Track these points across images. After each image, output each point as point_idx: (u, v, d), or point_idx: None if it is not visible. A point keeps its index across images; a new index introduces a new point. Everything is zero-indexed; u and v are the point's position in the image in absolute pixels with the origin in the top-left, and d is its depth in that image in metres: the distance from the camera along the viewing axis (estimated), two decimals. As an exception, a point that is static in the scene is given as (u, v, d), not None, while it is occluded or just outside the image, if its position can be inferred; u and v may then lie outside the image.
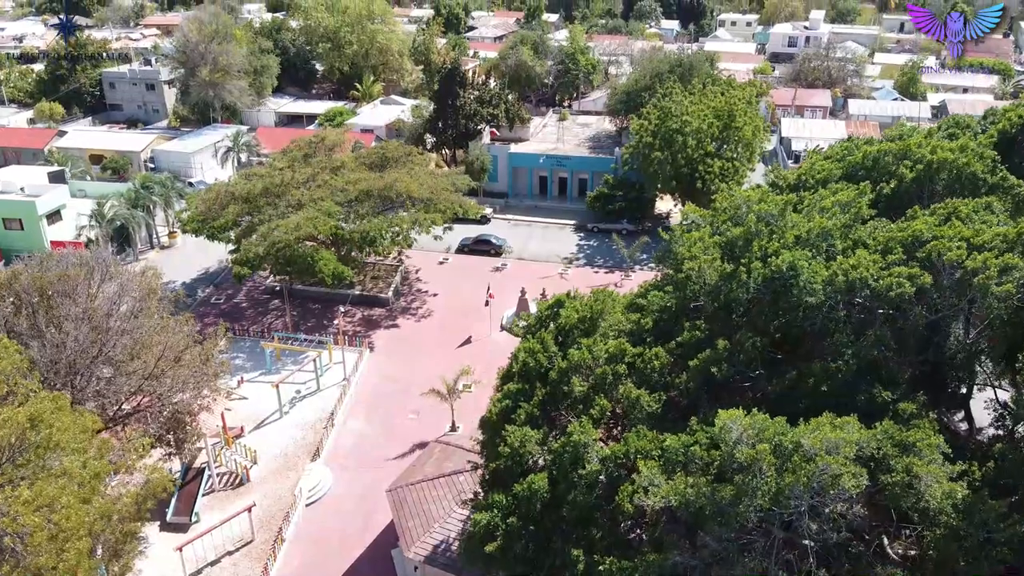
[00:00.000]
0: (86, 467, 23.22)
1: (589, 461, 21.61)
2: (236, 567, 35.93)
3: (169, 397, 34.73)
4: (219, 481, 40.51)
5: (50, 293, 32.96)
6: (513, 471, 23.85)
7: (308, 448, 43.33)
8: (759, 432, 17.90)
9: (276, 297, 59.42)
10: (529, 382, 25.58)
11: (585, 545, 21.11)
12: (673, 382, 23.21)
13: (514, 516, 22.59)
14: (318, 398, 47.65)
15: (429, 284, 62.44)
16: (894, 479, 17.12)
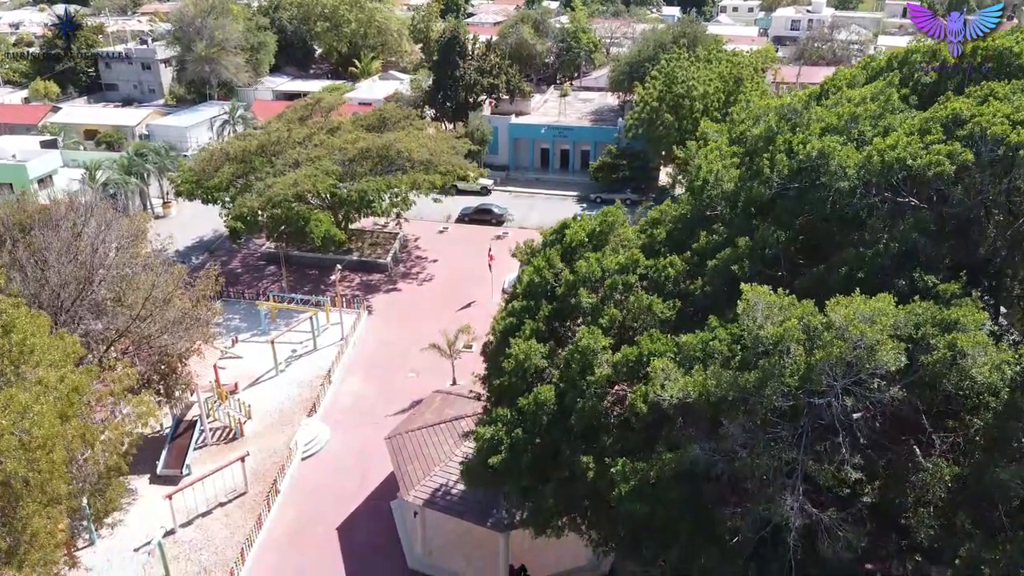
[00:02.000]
0: (64, 381, 21.75)
1: (598, 366, 20.16)
2: (228, 517, 34.48)
3: (158, 339, 33.27)
4: (212, 436, 39.06)
5: (31, 226, 31.53)
6: (518, 387, 22.41)
7: (304, 405, 41.91)
8: (786, 311, 16.50)
9: (272, 263, 58.08)
10: (534, 299, 24.15)
11: (595, 452, 19.66)
12: (688, 289, 21.78)
13: (519, 428, 21.13)
14: (315, 357, 46.24)
15: (429, 252, 61.08)
16: (935, 357, 15.70)
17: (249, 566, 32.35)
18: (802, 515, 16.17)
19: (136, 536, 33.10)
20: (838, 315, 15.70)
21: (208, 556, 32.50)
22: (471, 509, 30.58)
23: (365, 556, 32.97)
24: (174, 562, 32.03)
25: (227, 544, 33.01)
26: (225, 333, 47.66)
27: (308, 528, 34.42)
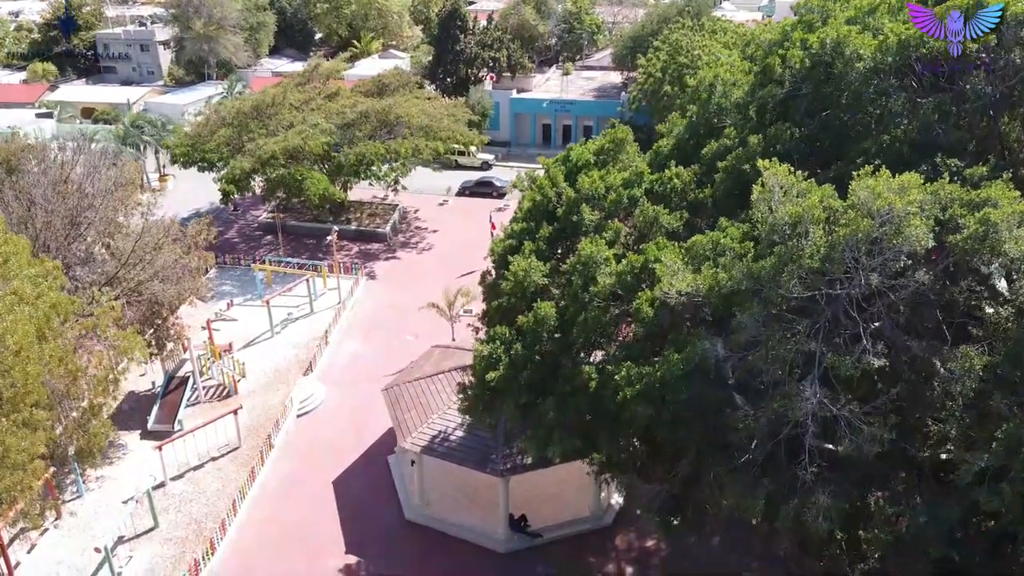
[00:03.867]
0: (41, 298, 20.72)
1: (602, 276, 19.07)
2: (221, 471, 33.45)
3: (147, 285, 32.25)
4: (205, 394, 38.02)
5: (17, 166, 30.55)
6: (517, 307, 21.34)
7: (300, 364, 40.88)
8: (806, 194, 15.44)
9: (269, 233, 57.13)
10: (535, 221, 23.10)
11: (597, 363, 18.58)
12: (697, 198, 20.71)
13: (518, 344, 20.05)
14: (311, 320, 45.22)
15: (429, 223, 60.10)
16: (966, 234, 14.62)
17: (241, 518, 31.32)
18: (821, 409, 15.05)
19: (125, 489, 32.09)
20: (863, 190, 14.62)
21: (199, 508, 31.46)
22: (470, 455, 29.55)
23: (361, 509, 31.92)
24: (163, 513, 31.02)
25: (219, 496, 31.98)
26: (220, 297, 46.73)
27: (303, 482, 33.38)
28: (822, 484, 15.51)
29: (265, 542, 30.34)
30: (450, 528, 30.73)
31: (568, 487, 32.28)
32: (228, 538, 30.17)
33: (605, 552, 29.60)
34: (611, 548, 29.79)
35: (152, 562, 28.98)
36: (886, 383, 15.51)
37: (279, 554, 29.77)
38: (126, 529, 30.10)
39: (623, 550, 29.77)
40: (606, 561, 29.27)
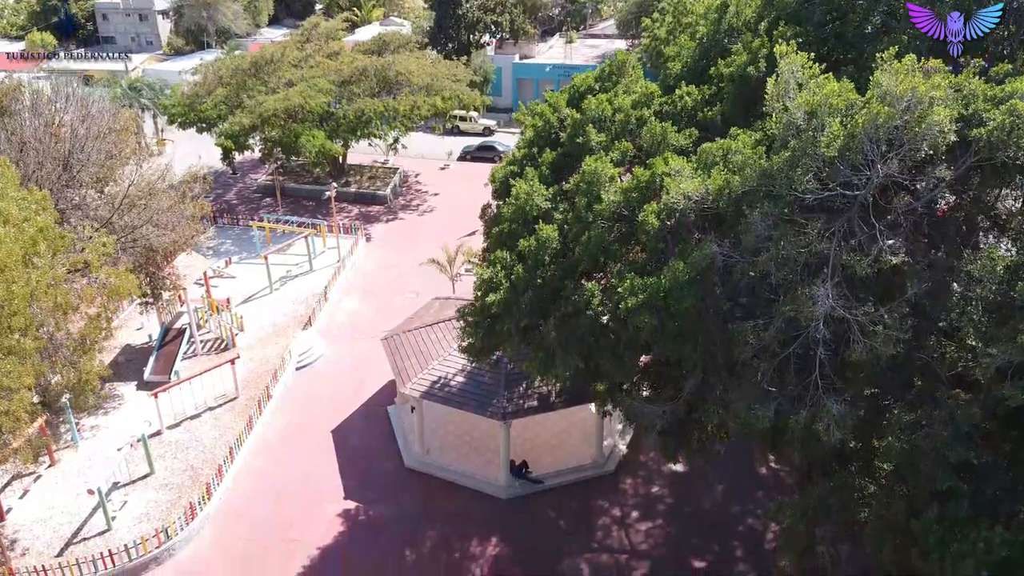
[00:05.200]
0: (28, 221, 20.10)
1: (606, 192, 18.39)
2: (218, 420, 32.96)
3: (141, 230, 31.61)
4: (202, 347, 37.47)
5: (7, 105, 29.85)
6: (518, 232, 20.66)
7: (299, 320, 40.29)
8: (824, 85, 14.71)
9: (268, 195, 56.45)
10: (538, 147, 22.39)
11: (601, 280, 17.93)
12: (706, 116, 19.97)
13: (519, 266, 19.40)
14: (310, 278, 44.60)
15: (430, 187, 59.30)
16: (990, 127, 13.90)
17: (239, 465, 30.86)
18: (833, 312, 14.38)
19: (120, 438, 31.65)
20: (887, 76, 13.89)
21: (195, 455, 30.98)
22: (470, 400, 29.04)
23: (360, 457, 31.44)
24: (160, 460, 30.56)
25: (216, 445, 31.50)
26: (218, 256, 46.18)
27: (301, 431, 32.92)
28: (833, 394, 14.90)
29: (263, 489, 29.90)
30: (450, 475, 30.26)
31: (570, 435, 31.82)
32: (225, 485, 29.72)
33: (607, 498, 29.09)
34: (613, 494, 29.29)
35: (147, 507, 28.54)
36: (903, 284, 14.83)
37: (278, 500, 29.33)
38: (121, 475, 29.66)
39: (625, 496, 29.27)
40: (608, 506, 28.77)
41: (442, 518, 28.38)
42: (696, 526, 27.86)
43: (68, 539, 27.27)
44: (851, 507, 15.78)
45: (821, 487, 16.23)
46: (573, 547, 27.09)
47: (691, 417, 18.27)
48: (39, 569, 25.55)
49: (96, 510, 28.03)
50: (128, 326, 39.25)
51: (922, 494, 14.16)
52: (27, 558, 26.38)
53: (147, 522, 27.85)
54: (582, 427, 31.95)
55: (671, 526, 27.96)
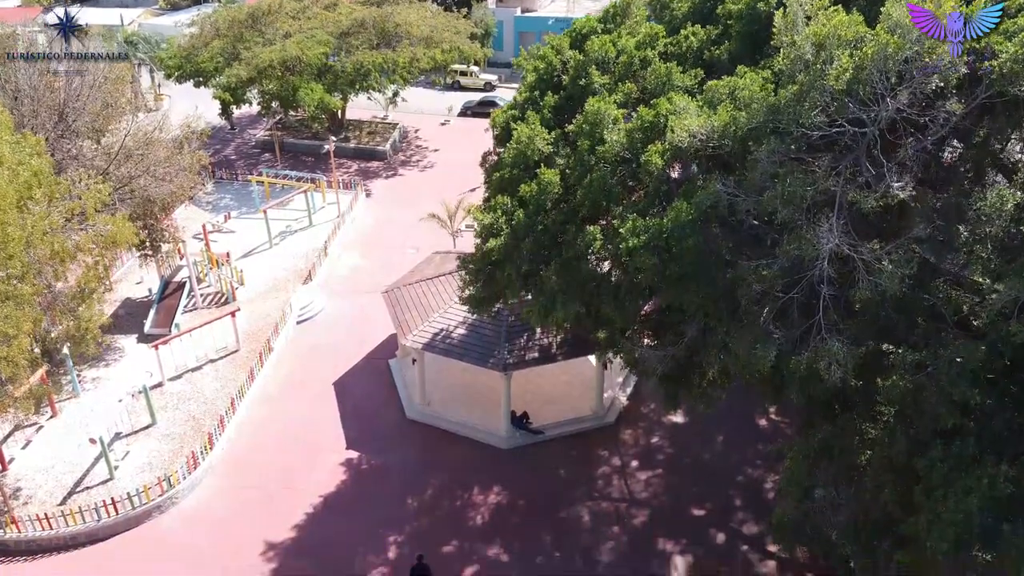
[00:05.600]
0: (22, 165, 19.80)
1: (609, 132, 18.04)
2: (219, 372, 32.98)
3: (139, 181, 31.30)
4: (203, 301, 37.36)
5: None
6: (519, 177, 20.36)
7: (299, 274, 40.14)
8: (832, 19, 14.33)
9: (267, 151, 55.88)
10: (539, 90, 21.97)
11: (604, 224, 17.69)
12: (713, 56, 19.53)
13: (520, 211, 19.15)
14: (310, 233, 44.34)
15: (430, 142, 58.71)
16: (1003, 58, 13.55)
17: (240, 416, 30.93)
18: (838, 249, 14.16)
19: (121, 390, 31.68)
20: (896, 8, 13.50)
21: (197, 406, 31.05)
22: (471, 351, 28.99)
23: (362, 409, 31.52)
24: (161, 411, 30.64)
25: (217, 396, 31.55)
26: (217, 211, 45.88)
27: (302, 383, 32.97)
28: (836, 334, 14.75)
29: (265, 439, 30.03)
30: (452, 426, 30.35)
31: (570, 388, 31.85)
32: (227, 435, 29.83)
33: (607, 448, 29.21)
34: (613, 444, 29.41)
35: (149, 457, 28.67)
36: (909, 223, 14.60)
37: (279, 450, 29.47)
38: (123, 425, 29.76)
39: (625, 446, 29.38)
40: (608, 456, 28.89)
41: (443, 467, 28.52)
42: (696, 476, 28.01)
43: (71, 488, 27.44)
44: (853, 449, 15.76)
45: (823, 430, 16.18)
46: (573, 495, 27.26)
47: (692, 361, 18.17)
48: (42, 517, 25.73)
49: (98, 460, 28.18)
50: (128, 280, 39.14)
51: (926, 434, 14.10)
52: (29, 507, 26.58)
53: (149, 471, 28.00)
54: (582, 379, 31.96)
55: (671, 476, 28.11)
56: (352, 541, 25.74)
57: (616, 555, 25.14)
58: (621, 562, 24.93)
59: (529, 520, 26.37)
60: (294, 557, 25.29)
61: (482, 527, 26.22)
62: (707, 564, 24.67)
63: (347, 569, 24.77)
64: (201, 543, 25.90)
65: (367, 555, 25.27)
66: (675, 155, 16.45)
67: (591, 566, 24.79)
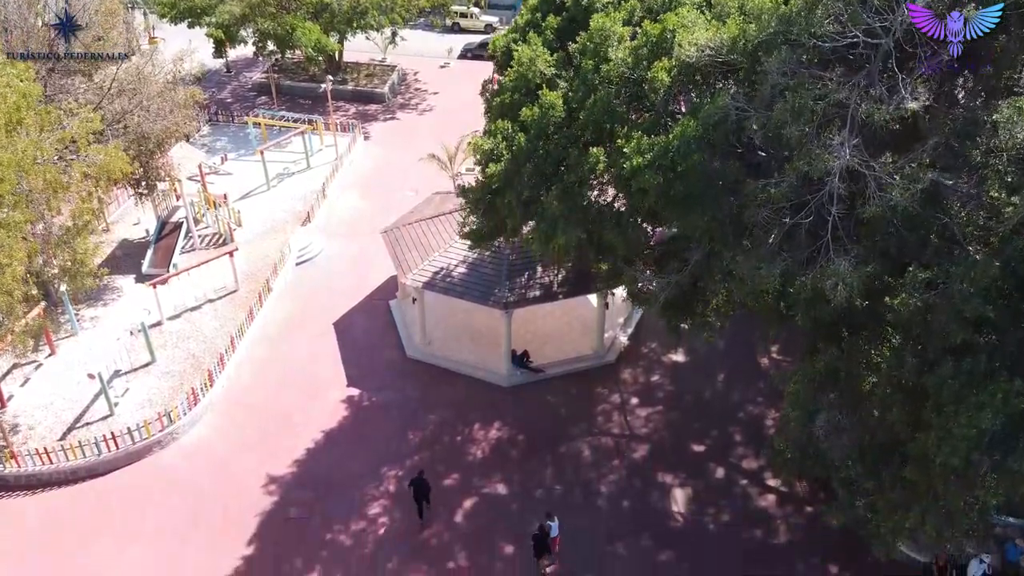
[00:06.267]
0: (10, 88, 19.26)
1: (614, 50, 17.42)
2: (218, 312, 32.74)
3: (133, 117, 30.66)
4: (200, 242, 36.97)
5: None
6: (520, 102, 19.79)
7: (298, 216, 39.63)
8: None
9: (264, 94, 54.84)
10: (542, 11, 21.27)
11: (607, 145, 17.22)
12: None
13: (521, 135, 18.66)
14: (308, 175, 43.65)
15: (429, 85, 57.57)
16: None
17: (240, 355, 30.82)
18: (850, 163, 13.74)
19: (120, 329, 31.50)
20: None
21: (196, 345, 30.90)
22: (472, 289, 28.74)
23: (362, 348, 31.38)
24: (160, 349, 30.50)
25: (217, 335, 31.37)
26: (214, 153, 45.17)
27: (302, 323, 32.79)
28: (844, 255, 14.42)
29: (265, 377, 29.96)
30: (452, 365, 30.25)
31: (571, 327, 31.67)
32: (227, 372, 29.75)
33: (607, 386, 29.14)
34: (613, 382, 29.33)
35: (149, 394, 28.62)
36: (923, 137, 14.16)
37: (280, 387, 29.42)
38: (122, 363, 29.65)
39: (625, 384, 29.31)
40: (608, 394, 28.84)
41: (444, 404, 28.49)
42: (696, 413, 27.99)
43: (70, 424, 27.44)
44: (859, 373, 15.55)
45: (828, 354, 15.95)
46: (573, 431, 27.27)
47: (695, 288, 17.88)
48: (42, 451, 25.75)
49: (98, 396, 28.13)
50: (125, 221, 38.71)
51: (935, 353, 13.86)
52: (30, 442, 26.59)
53: (149, 408, 27.97)
54: (583, 320, 31.79)
55: (671, 412, 28.08)
56: (353, 475, 25.82)
57: (616, 488, 25.23)
58: (620, 495, 25.01)
59: (529, 455, 26.41)
60: (295, 490, 25.38)
61: (482, 461, 26.27)
62: (706, 497, 24.78)
63: (348, 501, 24.87)
64: (202, 477, 25.99)
65: (368, 488, 25.37)
66: (682, 71, 15.91)
67: (591, 498, 24.88)
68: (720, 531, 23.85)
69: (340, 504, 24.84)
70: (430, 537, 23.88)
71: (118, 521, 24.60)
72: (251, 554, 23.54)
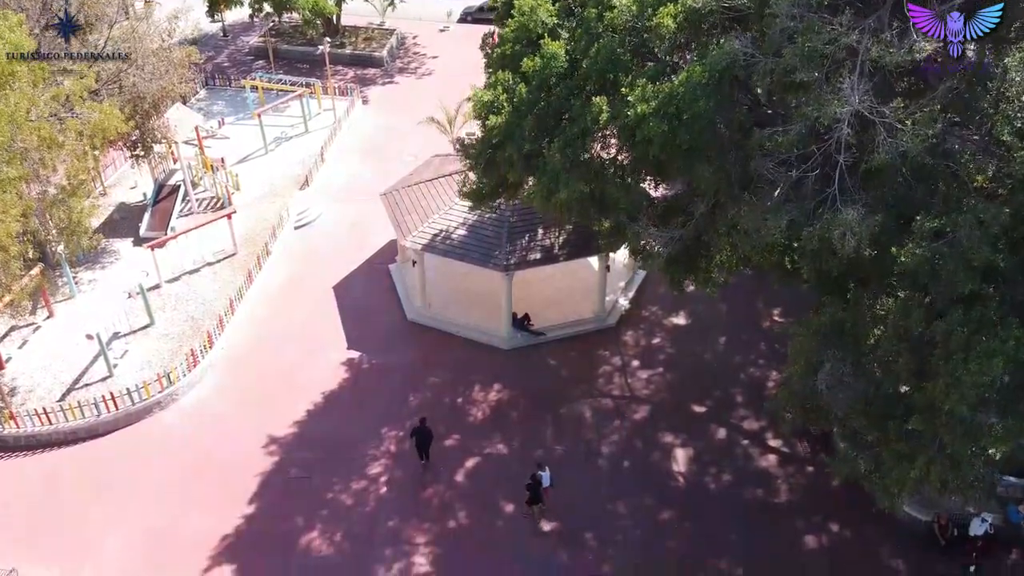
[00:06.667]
0: (3, 38, 18.86)
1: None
2: (217, 275, 32.53)
3: (127, 76, 30.19)
4: (198, 205, 36.65)
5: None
6: (521, 53, 19.39)
7: (296, 180, 39.28)
8: None
9: (261, 58, 54.14)
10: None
11: (611, 96, 16.86)
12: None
13: (522, 85, 18.29)
14: (306, 139, 43.19)
15: (428, 49, 56.82)
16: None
17: (240, 317, 30.68)
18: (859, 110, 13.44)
19: (117, 291, 31.32)
20: None
21: (195, 307, 30.75)
22: (472, 251, 28.53)
23: (362, 311, 31.23)
24: (159, 312, 30.35)
25: (216, 298, 31.19)
26: (211, 116, 44.65)
27: (301, 286, 32.59)
28: (852, 204, 14.18)
29: (264, 338, 29.85)
30: (452, 328, 30.11)
31: (572, 291, 31.49)
32: (226, 334, 29.63)
33: (608, 349, 29.03)
34: (614, 345, 29.21)
35: (148, 356, 28.51)
36: (933, 83, 13.86)
37: (279, 349, 29.32)
38: (121, 325, 29.50)
39: (626, 347, 29.20)
40: (609, 356, 28.73)
41: (444, 366, 28.40)
42: (697, 375, 27.90)
43: (69, 385, 27.37)
44: (865, 324, 15.38)
45: (834, 307, 15.76)
46: (574, 392, 27.21)
47: (699, 242, 17.65)
48: (41, 412, 25.69)
49: (97, 358, 28.03)
50: (122, 184, 38.32)
51: (943, 302, 13.67)
52: (28, 403, 26.52)
53: (149, 369, 27.88)
54: (584, 284, 31.59)
55: (671, 374, 28.01)
56: (354, 436, 25.80)
57: (616, 448, 25.22)
58: (621, 455, 25.01)
59: (529, 416, 26.37)
60: (296, 450, 25.37)
61: (483, 422, 26.24)
62: (708, 457, 24.78)
63: (349, 461, 24.87)
64: (203, 438, 25.97)
65: (369, 448, 25.35)
66: (689, 18, 15.54)
67: (591, 458, 24.88)
68: (721, 490, 23.88)
69: (341, 464, 24.84)
70: (431, 496, 23.92)
71: (119, 480, 24.61)
72: (252, 513, 23.58)
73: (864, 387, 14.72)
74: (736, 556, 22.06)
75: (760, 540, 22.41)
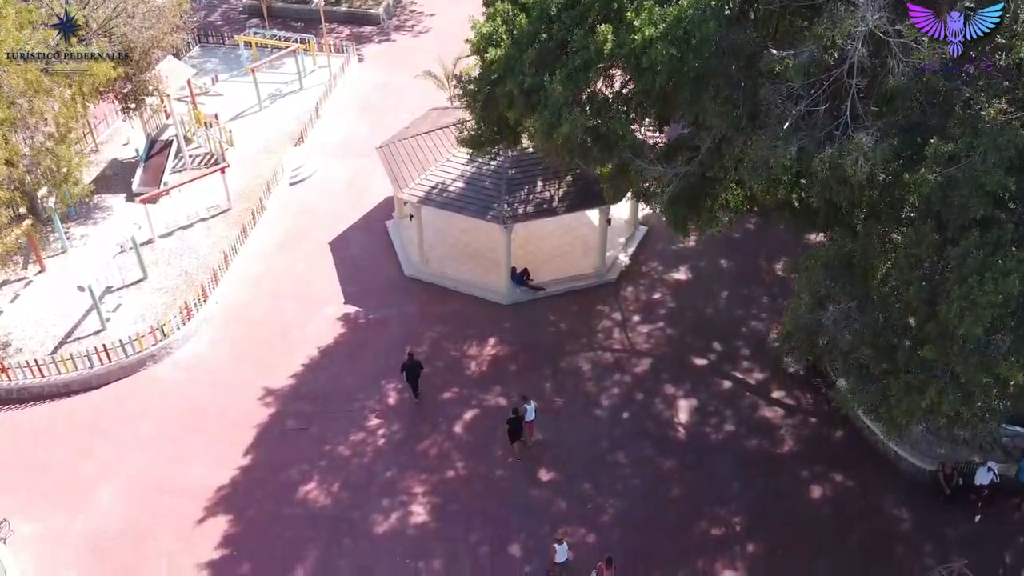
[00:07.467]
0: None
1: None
2: (211, 230, 32.03)
3: (117, 25, 29.46)
4: (192, 161, 36.01)
5: None
6: (523, -11, 18.73)
7: (291, 136, 38.60)
8: None
9: (255, 15, 53.11)
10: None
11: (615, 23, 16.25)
12: None
13: (522, 16, 17.68)
14: (301, 96, 42.42)
15: (426, 6, 55.75)
16: None
17: (235, 271, 30.23)
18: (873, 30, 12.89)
19: (110, 246, 30.82)
20: None
21: (189, 262, 30.28)
22: (471, 204, 28.01)
23: (359, 266, 30.77)
24: (153, 266, 29.89)
25: (210, 252, 30.72)
26: (204, 74, 43.84)
27: (297, 241, 32.09)
28: (864, 130, 13.67)
29: (260, 294, 29.41)
30: (451, 283, 29.67)
31: (572, 247, 31.03)
32: (221, 288, 29.18)
33: (608, 303, 28.63)
34: (615, 300, 28.81)
35: (142, 309, 28.09)
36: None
37: (275, 304, 28.90)
38: (114, 279, 29.05)
39: (627, 302, 28.80)
40: (610, 311, 28.34)
41: (442, 321, 28.01)
42: (698, 328, 27.52)
43: (62, 338, 26.98)
44: (874, 255, 14.95)
45: (842, 240, 15.30)
46: (574, 347, 26.85)
47: (705, 179, 17.15)
48: (32, 364, 25.31)
49: (89, 312, 27.62)
50: (114, 141, 37.67)
51: (955, 230, 13.24)
52: (20, 356, 26.14)
53: (142, 323, 27.48)
54: (584, 239, 31.14)
55: (673, 328, 27.62)
56: (351, 388, 25.47)
57: (617, 400, 24.91)
58: (622, 406, 24.71)
59: (529, 369, 26.03)
60: (293, 402, 25.05)
61: (481, 376, 25.90)
62: (709, 409, 24.49)
63: (347, 413, 24.56)
64: (198, 390, 25.63)
65: (367, 401, 25.03)
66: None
67: (590, 409, 24.58)
68: (723, 441, 23.60)
69: (338, 416, 24.54)
70: (429, 447, 23.63)
71: (113, 432, 24.30)
72: (248, 464, 23.31)
73: (872, 319, 14.31)
74: (738, 506, 21.84)
75: (762, 490, 22.18)
